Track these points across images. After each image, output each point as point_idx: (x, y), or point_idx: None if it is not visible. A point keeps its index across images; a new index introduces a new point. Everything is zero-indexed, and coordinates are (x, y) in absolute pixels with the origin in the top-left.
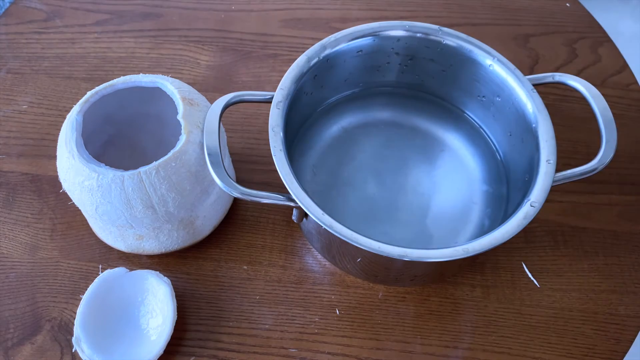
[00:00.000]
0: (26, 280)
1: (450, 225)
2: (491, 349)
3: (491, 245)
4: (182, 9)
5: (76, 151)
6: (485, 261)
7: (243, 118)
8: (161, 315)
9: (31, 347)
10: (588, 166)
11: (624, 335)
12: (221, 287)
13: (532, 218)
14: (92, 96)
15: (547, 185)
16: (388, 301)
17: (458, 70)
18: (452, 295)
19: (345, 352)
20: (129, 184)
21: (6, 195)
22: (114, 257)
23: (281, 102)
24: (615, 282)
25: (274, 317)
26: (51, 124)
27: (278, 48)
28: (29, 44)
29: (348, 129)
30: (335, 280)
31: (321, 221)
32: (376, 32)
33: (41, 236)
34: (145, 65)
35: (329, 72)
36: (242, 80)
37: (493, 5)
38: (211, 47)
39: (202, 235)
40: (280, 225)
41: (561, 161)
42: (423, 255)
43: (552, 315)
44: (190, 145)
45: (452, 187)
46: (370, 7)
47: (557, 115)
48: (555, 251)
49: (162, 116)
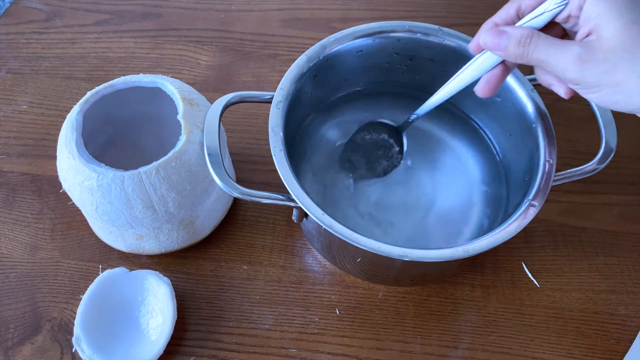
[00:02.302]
0: (26, 280)
1: (450, 225)
2: (491, 349)
3: (491, 245)
4: (182, 9)
5: (76, 151)
6: (485, 261)
7: (243, 118)
8: (161, 315)
9: (31, 347)
10: (588, 166)
11: (624, 335)
12: (221, 287)
13: (532, 218)
14: (92, 96)
15: (547, 185)
16: (388, 301)
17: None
18: (452, 295)
19: (345, 352)
20: (129, 184)
21: (6, 195)
22: (114, 257)
23: (281, 102)
24: (615, 282)
25: (274, 317)
26: (51, 124)
27: (278, 48)
28: (29, 44)
29: (348, 129)
30: (335, 280)
31: (321, 221)
32: (376, 32)
33: (41, 236)
34: (145, 65)
35: (329, 72)
36: (242, 80)
37: (493, 5)
38: (211, 47)
39: (202, 235)
40: (281, 225)
41: (561, 161)
42: (423, 255)
43: (552, 315)
44: (190, 145)
45: (452, 187)
46: (370, 7)
47: (557, 115)
48: (555, 251)
49: (162, 116)
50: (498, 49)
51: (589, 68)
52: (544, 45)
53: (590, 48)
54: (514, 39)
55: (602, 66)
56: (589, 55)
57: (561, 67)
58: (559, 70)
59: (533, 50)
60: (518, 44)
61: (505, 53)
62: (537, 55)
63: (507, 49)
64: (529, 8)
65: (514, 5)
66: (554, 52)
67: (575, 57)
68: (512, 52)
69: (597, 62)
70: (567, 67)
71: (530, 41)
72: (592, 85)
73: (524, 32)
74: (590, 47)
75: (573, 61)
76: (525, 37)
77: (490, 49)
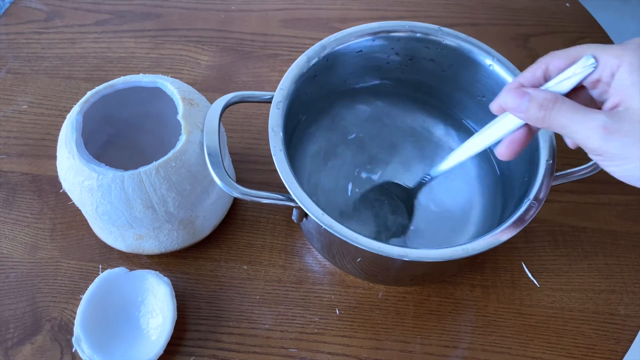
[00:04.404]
0: (26, 280)
1: (450, 225)
2: (491, 349)
3: (491, 245)
4: (182, 9)
5: (76, 151)
6: (485, 261)
7: (243, 118)
8: (161, 315)
9: (31, 347)
10: (587, 166)
11: (624, 335)
12: (221, 287)
13: (532, 218)
14: (92, 96)
15: (546, 185)
16: (388, 301)
17: (458, 70)
18: (451, 295)
19: (345, 351)
20: (129, 184)
21: (6, 195)
22: (114, 257)
23: (281, 102)
24: (615, 281)
25: (273, 317)
26: (51, 124)
27: (278, 48)
28: (29, 44)
29: (347, 129)
30: (335, 280)
31: (321, 221)
32: (376, 32)
33: (41, 236)
34: (145, 65)
35: (328, 72)
36: (242, 80)
37: (493, 5)
38: (211, 47)
39: (202, 235)
40: (280, 225)
41: (561, 161)
42: (423, 255)
43: (551, 315)
44: (190, 145)
45: (452, 187)
46: (370, 7)
47: None
48: (555, 251)
49: (162, 116)
50: (519, 110)
51: (614, 139)
52: (568, 111)
53: (618, 118)
54: (536, 101)
55: (628, 138)
56: (616, 125)
57: (584, 135)
58: (581, 138)
59: (556, 115)
60: (540, 107)
61: (525, 115)
62: (560, 120)
63: (528, 111)
64: (555, 70)
65: (541, 66)
66: (578, 119)
67: (601, 126)
68: (533, 115)
69: (623, 134)
70: (591, 136)
71: (554, 105)
72: (616, 157)
73: (547, 96)
74: (619, 117)
75: (597, 130)
76: (548, 101)
77: (511, 110)
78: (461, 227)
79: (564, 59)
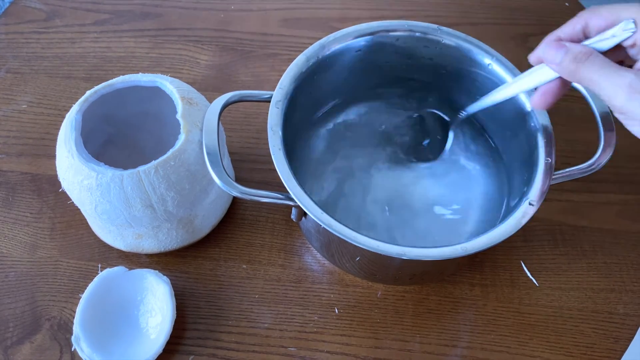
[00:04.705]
0: (26, 280)
1: (449, 225)
2: (490, 348)
3: (490, 244)
4: (182, 8)
5: (75, 150)
6: (484, 260)
7: (242, 117)
8: (160, 314)
9: (30, 346)
10: (587, 165)
11: (623, 333)
12: (220, 286)
13: (531, 217)
14: (92, 95)
15: (545, 184)
16: (387, 300)
17: (457, 69)
18: (451, 294)
19: (344, 350)
20: (128, 183)
21: (6, 194)
22: (114, 256)
23: (280, 102)
24: (614, 280)
25: (273, 316)
26: (51, 123)
27: (277, 48)
28: (29, 43)
29: (347, 128)
30: (334, 279)
31: (320, 220)
32: (375, 32)
33: (40, 235)
34: (144, 65)
35: (328, 72)
36: (241, 80)
37: (492, 4)
38: (211, 47)
39: (201, 234)
40: (280, 224)
41: (560, 160)
42: (421, 254)
43: (551, 314)
44: (189, 144)
45: (451, 186)
46: (369, 7)
47: (556, 115)
48: (554, 250)
49: (161, 115)
50: (553, 62)
51: (638, 98)
52: (598, 66)
53: None
54: (571, 54)
55: None
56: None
57: (611, 92)
58: (608, 95)
59: (587, 69)
60: (573, 59)
61: (559, 67)
62: (590, 74)
63: (562, 63)
64: (595, 29)
65: (581, 22)
66: (607, 75)
67: (627, 84)
68: (566, 68)
69: None
70: (616, 93)
71: (587, 59)
72: (639, 117)
73: (583, 50)
74: None
75: (623, 87)
76: (582, 54)
77: (546, 61)
78: (460, 225)
79: (604, 19)
